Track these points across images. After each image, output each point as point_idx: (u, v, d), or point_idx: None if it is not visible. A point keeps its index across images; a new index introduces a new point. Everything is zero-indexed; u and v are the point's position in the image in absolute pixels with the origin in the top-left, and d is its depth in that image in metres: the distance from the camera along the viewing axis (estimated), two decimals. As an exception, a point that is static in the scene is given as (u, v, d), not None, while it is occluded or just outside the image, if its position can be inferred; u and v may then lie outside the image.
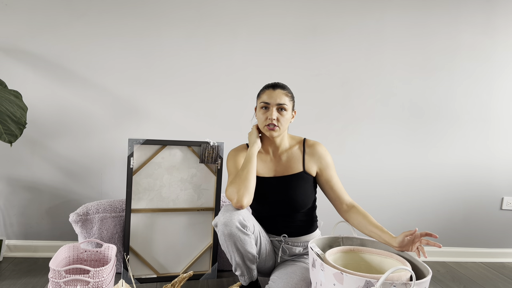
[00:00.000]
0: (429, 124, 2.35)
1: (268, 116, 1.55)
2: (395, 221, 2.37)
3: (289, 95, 1.59)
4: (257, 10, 2.17)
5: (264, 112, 1.57)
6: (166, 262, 1.90)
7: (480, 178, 2.41)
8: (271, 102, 1.55)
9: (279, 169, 1.64)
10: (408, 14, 2.28)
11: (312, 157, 1.63)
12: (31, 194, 2.08)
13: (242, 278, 1.57)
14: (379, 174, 2.34)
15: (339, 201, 1.61)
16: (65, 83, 2.05)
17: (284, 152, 1.65)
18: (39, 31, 2.01)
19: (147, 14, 2.09)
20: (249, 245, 1.47)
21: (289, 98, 1.58)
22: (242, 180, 1.49)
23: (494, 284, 2.09)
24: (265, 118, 1.56)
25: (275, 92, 1.56)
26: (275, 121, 1.54)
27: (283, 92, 1.57)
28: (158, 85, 2.12)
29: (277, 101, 1.54)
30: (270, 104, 1.55)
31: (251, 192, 1.49)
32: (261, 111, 1.58)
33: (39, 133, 2.05)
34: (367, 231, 1.49)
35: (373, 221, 1.49)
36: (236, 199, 1.46)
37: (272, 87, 1.58)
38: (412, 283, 1.09)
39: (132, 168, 1.80)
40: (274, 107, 1.55)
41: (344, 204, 1.59)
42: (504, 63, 2.36)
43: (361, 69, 2.27)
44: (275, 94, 1.55)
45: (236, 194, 1.46)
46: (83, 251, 1.69)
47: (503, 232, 2.46)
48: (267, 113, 1.56)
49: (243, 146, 1.70)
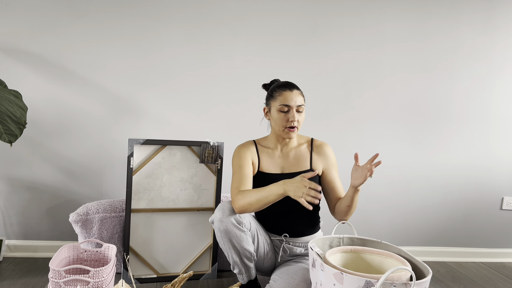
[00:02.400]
0: (430, 124, 2.35)
1: (289, 118, 1.53)
2: (395, 221, 2.37)
3: (303, 94, 1.59)
4: (257, 10, 2.17)
5: (284, 115, 1.54)
6: (166, 262, 1.90)
7: (480, 178, 2.41)
8: (291, 105, 1.53)
9: (286, 166, 1.64)
10: (408, 14, 2.27)
11: (319, 156, 1.64)
12: (31, 194, 2.08)
13: (241, 277, 1.57)
14: (379, 174, 2.34)
15: (336, 201, 1.62)
16: (65, 83, 2.05)
17: (292, 149, 1.65)
18: (39, 31, 2.01)
19: (147, 14, 2.09)
20: (245, 242, 1.47)
21: (303, 98, 1.59)
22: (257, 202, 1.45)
23: (494, 284, 2.08)
24: (286, 120, 1.54)
25: (293, 93, 1.54)
26: (296, 122, 1.54)
27: (299, 93, 1.57)
28: (158, 85, 2.12)
29: (297, 103, 1.54)
30: (291, 106, 1.53)
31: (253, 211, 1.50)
32: (280, 114, 1.55)
33: (39, 133, 2.05)
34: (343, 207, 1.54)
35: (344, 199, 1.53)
36: (239, 209, 1.47)
37: (288, 88, 1.55)
38: (412, 283, 1.09)
39: (132, 168, 1.80)
40: (295, 109, 1.54)
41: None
42: (505, 63, 2.36)
43: (361, 69, 2.27)
44: (294, 96, 1.54)
45: (242, 207, 1.46)
46: (83, 251, 1.69)
47: (503, 232, 2.46)
48: (288, 116, 1.54)
49: (250, 142, 1.69)
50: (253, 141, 1.70)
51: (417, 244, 2.41)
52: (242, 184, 1.54)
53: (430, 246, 2.42)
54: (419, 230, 2.41)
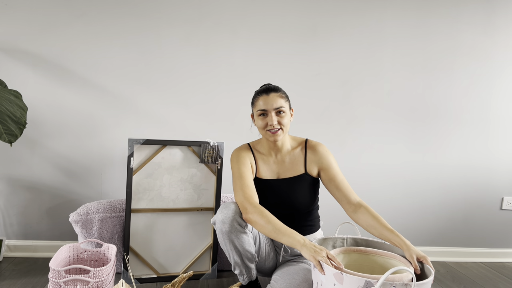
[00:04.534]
0: (429, 124, 2.35)
1: (268, 122, 1.53)
2: (395, 221, 2.37)
3: (284, 95, 1.57)
4: (257, 10, 2.17)
5: (263, 118, 1.55)
6: (166, 262, 1.90)
7: (480, 178, 2.41)
8: (268, 108, 1.53)
9: (281, 172, 1.63)
10: (408, 14, 2.27)
11: (313, 158, 1.63)
12: (31, 194, 2.08)
13: (241, 277, 1.57)
14: (379, 174, 2.34)
15: (345, 201, 1.56)
16: (65, 83, 2.05)
17: (286, 154, 1.64)
18: (39, 31, 2.01)
19: (147, 14, 2.09)
20: (247, 243, 1.47)
21: (284, 99, 1.56)
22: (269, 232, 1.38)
23: (494, 284, 2.09)
24: (265, 124, 1.55)
25: (270, 97, 1.54)
26: (277, 125, 1.53)
27: (277, 95, 1.54)
28: (158, 85, 2.12)
29: (274, 106, 1.53)
30: (267, 110, 1.53)
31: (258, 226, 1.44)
32: (260, 118, 1.56)
33: (39, 133, 2.05)
34: (377, 234, 1.43)
35: (384, 223, 1.42)
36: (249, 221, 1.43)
37: (265, 92, 1.55)
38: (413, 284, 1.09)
39: (132, 168, 1.80)
40: (272, 112, 1.53)
41: (352, 204, 1.55)
42: (505, 63, 2.36)
43: (361, 69, 2.27)
44: (270, 99, 1.53)
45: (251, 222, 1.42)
46: (83, 251, 1.69)
47: (503, 232, 2.46)
48: (266, 119, 1.54)
49: (245, 146, 1.69)
50: (248, 145, 1.69)
51: (417, 244, 2.41)
52: (248, 189, 1.51)
53: (430, 246, 2.42)
54: (419, 230, 2.41)
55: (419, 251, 1.31)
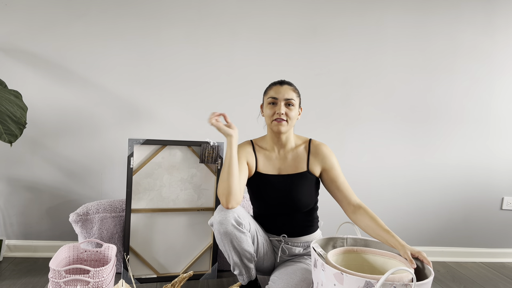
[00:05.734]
0: (430, 124, 2.35)
1: (276, 110, 1.56)
2: (395, 221, 2.37)
3: (296, 90, 1.61)
4: (257, 10, 2.17)
5: (272, 107, 1.58)
6: (166, 262, 1.90)
7: (480, 178, 2.41)
8: (279, 97, 1.57)
9: (283, 168, 1.64)
10: (408, 14, 2.27)
11: (316, 157, 1.63)
12: (31, 194, 2.08)
13: (241, 277, 1.57)
14: (379, 174, 2.34)
15: (346, 202, 1.57)
16: (65, 83, 2.05)
17: (290, 151, 1.65)
18: (39, 31, 2.01)
19: (147, 14, 2.09)
20: (245, 243, 1.47)
21: (296, 94, 1.60)
22: (223, 181, 1.50)
23: (494, 284, 2.09)
24: (273, 112, 1.57)
25: (283, 87, 1.58)
26: (284, 116, 1.55)
27: (291, 88, 1.59)
28: (158, 84, 2.12)
29: (285, 96, 1.56)
30: (278, 99, 1.57)
31: (236, 193, 1.48)
32: (269, 106, 1.59)
33: (39, 133, 2.05)
34: (374, 235, 1.45)
35: (381, 224, 1.44)
36: (223, 202, 1.48)
37: (279, 83, 1.61)
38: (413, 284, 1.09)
39: (132, 168, 1.80)
40: (282, 102, 1.56)
41: (351, 205, 1.56)
42: (505, 63, 2.36)
43: (361, 69, 2.27)
44: (283, 90, 1.58)
45: (223, 197, 1.48)
46: (83, 251, 1.69)
47: (503, 232, 2.46)
48: (275, 108, 1.57)
49: (246, 142, 1.70)
50: (251, 141, 1.71)
51: (417, 244, 2.41)
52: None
53: (430, 246, 2.42)
54: (419, 230, 2.41)
55: (413, 248, 1.32)
